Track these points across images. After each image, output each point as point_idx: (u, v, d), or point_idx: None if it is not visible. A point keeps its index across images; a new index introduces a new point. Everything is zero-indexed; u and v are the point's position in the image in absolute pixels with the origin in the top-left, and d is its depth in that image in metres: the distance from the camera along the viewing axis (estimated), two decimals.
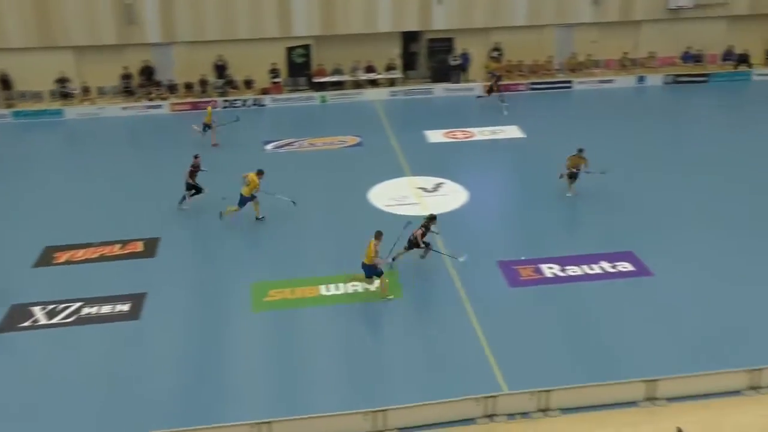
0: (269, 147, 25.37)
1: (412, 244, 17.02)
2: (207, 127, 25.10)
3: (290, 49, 30.87)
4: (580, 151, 20.24)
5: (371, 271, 15.87)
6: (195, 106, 29.52)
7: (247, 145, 25.52)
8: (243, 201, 18.98)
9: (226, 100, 29.98)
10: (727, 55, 32.59)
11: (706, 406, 12.32)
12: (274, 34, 30.33)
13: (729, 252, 17.55)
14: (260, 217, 19.39)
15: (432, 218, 17.28)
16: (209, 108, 25.97)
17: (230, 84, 30.58)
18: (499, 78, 28.70)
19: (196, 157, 20.16)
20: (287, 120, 28.58)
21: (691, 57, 32.58)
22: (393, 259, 16.87)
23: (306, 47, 30.99)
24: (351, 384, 13.47)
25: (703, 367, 12.84)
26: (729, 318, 15.01)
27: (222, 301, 16.07)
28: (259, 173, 19.03)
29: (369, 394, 12.89)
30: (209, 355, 14.27)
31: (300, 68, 31.19)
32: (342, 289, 16.37)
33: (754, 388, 12.70)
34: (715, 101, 30.19)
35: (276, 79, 30.52)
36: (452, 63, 31.40)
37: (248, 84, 30.64)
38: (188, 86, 30.44)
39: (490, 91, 28.57)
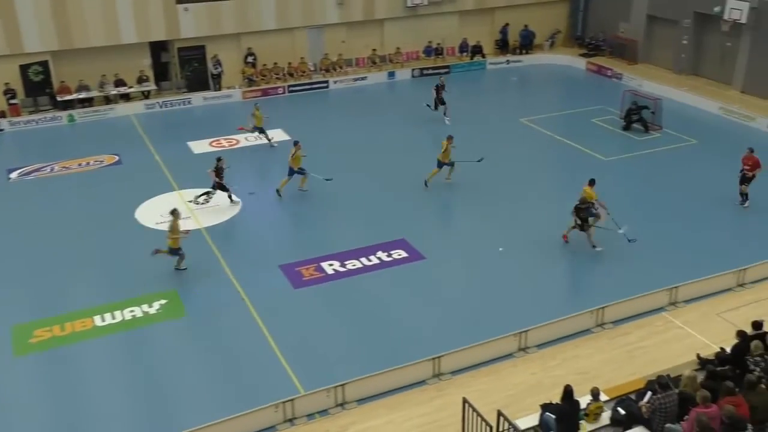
0: (14, 175, 23.12)
1: (578, 222, 17.68)
2: (258, 129, 24.97)
3: (24, 67, 28.27)
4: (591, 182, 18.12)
5: (444, 165, 21.07)
6: None
7: None
8: (295, 172, 20.80)
9: None
10: (463, 47, 35.50)
11: (486, 373, 13.43)
12: (2, 51, 27.56)
13: (486, 229, 19.24)
14: (305, 189, 21.21)
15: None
16: (256, 111, 24.96)
17: None
18: (441, 87, 27.89)
19: (219, 159, 20.44)
20: (32, 144, 26.21)
21: (432, 50, 35.01)
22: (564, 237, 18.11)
23: (43, 64, 28.57)
24: (143, 414, 12.80)
25: (479, 337, 13.94)
26: (494, 289, 16.48)
27: None
28: (296, 144, 20.89)
29: (164, 422, 12.34)
30: None
31: (39, 87, 28.69)
32: (119, 317, 15.46)
33: (522, 349, 14.08)
34: (457, 90, 32.66)
35: (12, 101, 27.80)
36: (214, 72, 30.75)
37: None
38: None
39: (437, 101, 27.55)
